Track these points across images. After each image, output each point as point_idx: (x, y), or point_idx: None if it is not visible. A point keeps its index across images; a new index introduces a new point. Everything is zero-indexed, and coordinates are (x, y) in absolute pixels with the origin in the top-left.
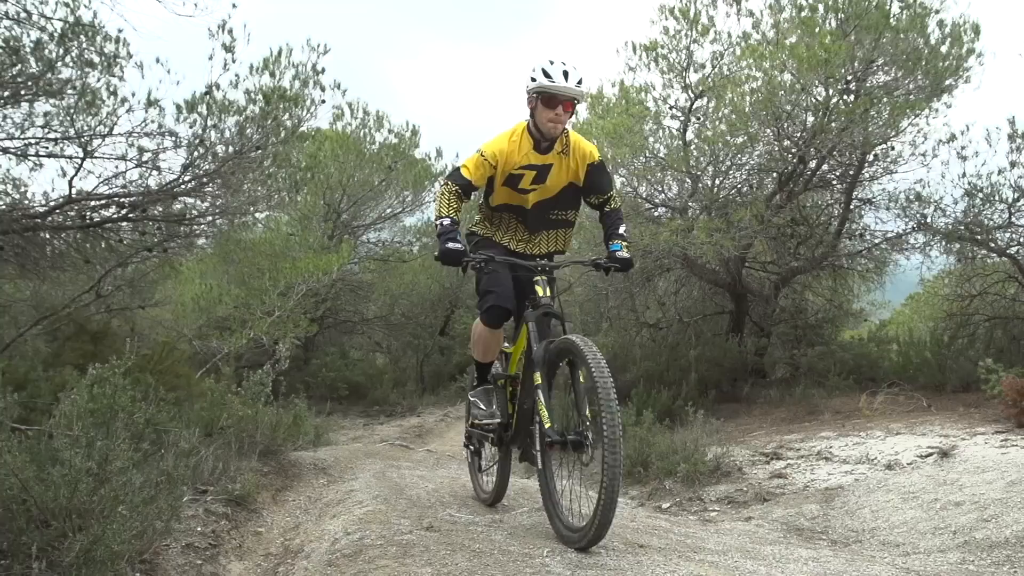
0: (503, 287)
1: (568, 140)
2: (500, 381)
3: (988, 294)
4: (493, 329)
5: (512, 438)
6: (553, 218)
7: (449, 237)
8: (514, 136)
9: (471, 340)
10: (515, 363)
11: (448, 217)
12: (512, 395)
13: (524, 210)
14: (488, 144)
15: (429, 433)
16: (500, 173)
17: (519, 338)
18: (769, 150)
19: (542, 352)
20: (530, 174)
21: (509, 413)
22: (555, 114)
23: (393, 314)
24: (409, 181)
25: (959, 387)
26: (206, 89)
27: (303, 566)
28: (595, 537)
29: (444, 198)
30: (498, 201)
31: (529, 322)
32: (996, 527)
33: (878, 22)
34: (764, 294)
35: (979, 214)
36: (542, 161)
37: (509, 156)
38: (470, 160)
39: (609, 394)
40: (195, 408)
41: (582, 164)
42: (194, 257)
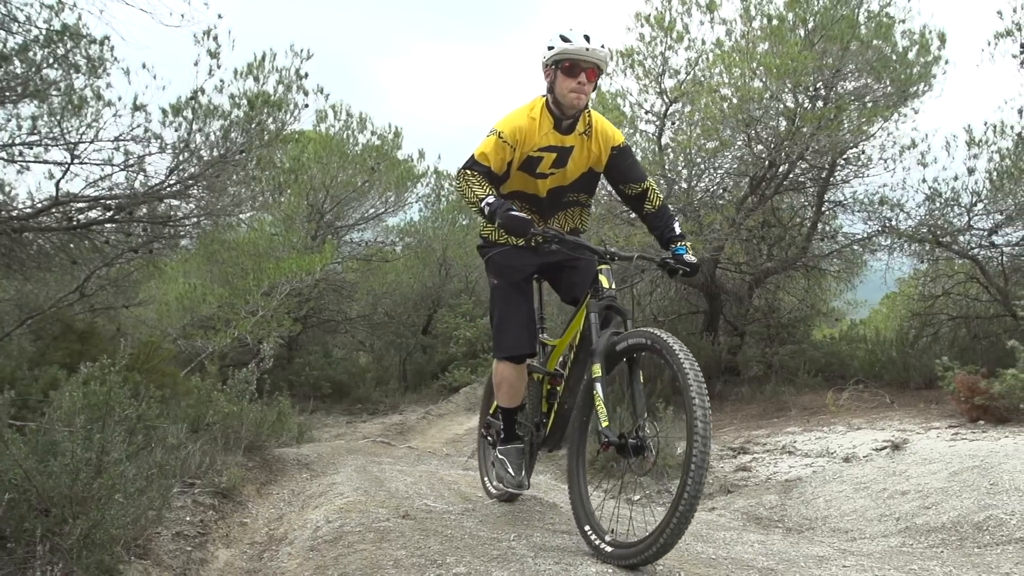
0: (520, 319)
1: (591, 120)
2: (537, 376)
3: (951, 294)
4: (518, 366)
5: (545, 440)
6: (567, 200)
7: (507, 207)
8: (533, 112)
9: (493, 383)
10: (555, 359)
11: (490, 195)
12: (549, 393)
13: (537, 199)
14: (504, 122)
15: (411, 430)
16: (518, 156)
17: (567, 331)
18: (741, 155)
19: (605, 344)
20: (550, 157)
21: (544, 412)
22: (577, 83)
23: (376, 313)
24: (392, 182)
25: (921, 384)
26: (191, 94)
27: (287, 551)
28: (655, 555)
29: (473, 182)
30: (511, 189)
31: (592, 312)
32: (935, 513)
33: (843, 33)
34: (738, 294)
35: (940, 218)
36: (563, 142)
37: (529, 135)
38: (486, 144)
39: (704, 402)
40: (182, 405)
41: (605, 148)
42: (178, 257)
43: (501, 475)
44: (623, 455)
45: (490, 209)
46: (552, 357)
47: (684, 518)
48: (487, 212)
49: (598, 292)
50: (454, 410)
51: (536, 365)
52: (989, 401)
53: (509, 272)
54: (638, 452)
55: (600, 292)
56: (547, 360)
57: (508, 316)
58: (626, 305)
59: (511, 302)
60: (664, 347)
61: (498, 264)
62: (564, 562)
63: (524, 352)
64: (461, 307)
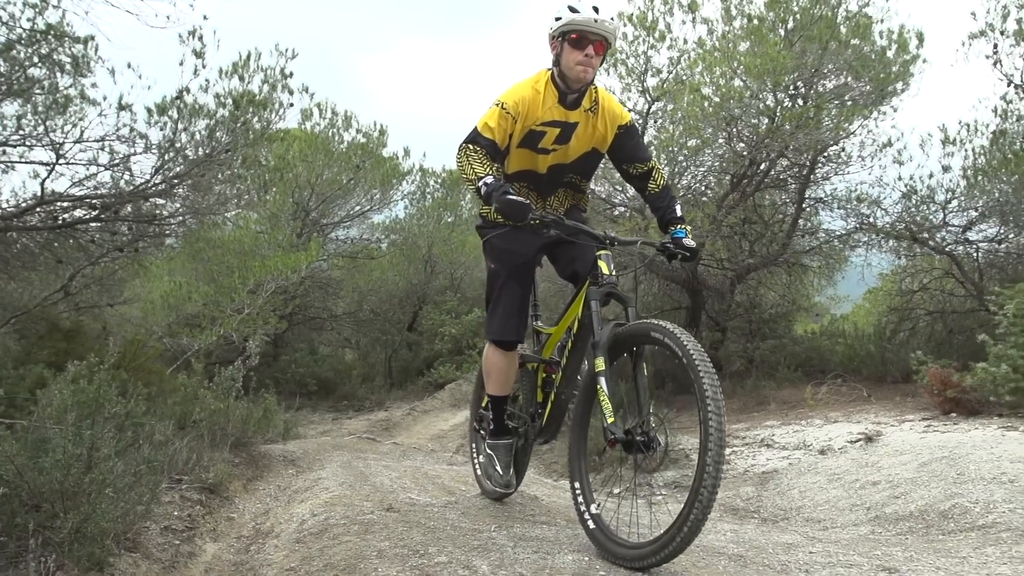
0: (512, 307)
1: (597, 96)
2: (531, 365)
3: (928, 289)
4: (509, 352)
5: (541, 431)
6: (565, 180)
7: (504, 190)
8: (537, 85)
9: (483, 371)
10: (551, 347)
11: (489, 175)
12: (545, 382)
13: (537, 176)
14: (507, 93)
15: (396, 426)
16: (520, 129)
17: (564, 318)
18: (723, 152)
19: (609, 335)
20: (553, 132)
21: (539, 402)
22: (584, 55)
23: (361, 310)
24: (377, 180)
25: (898, 378)
26: (177, 93)
27: (273, 544)
28: (672, 553)
29: (474, 159)
30: (513, 168)
31: (592, 300)
32: (904, 503)
33: (822, 32)
34: (720, 290)
35: (916, 215)
36: (566, 118)
37: (532, 108)
38: (489, 116)
39: (718, 397)
40: (168, 403)
41: (611, 127)
42: (163, 255)
43: (489, 473)
44: (630, 452)
45: (487, 190)
46: (548, 345)
47: (702, 514)
48: (483, 193)
49: (598, 279)
50: (439, 406)
51: (530, 354)
52: (961, 394)
53: (508, 257)
54: (646, 448)
55: (600, 278)
56: (542, 348)
57: (500, 301)
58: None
59: (506, 288)
60: (672, 339)
61: (497, 248)
62: (542, 551)
63: (509, 339)
64: (446, 304)
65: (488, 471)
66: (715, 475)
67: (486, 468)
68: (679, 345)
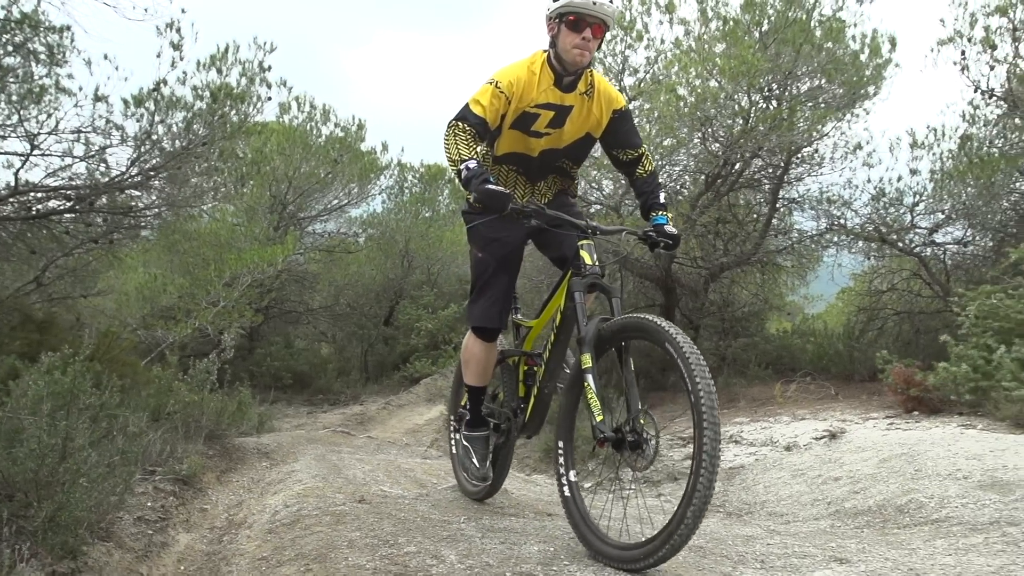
0: (496, 295)
1: (593, 80)
2: (512, 360)
3: (897, 290)
4: (488, 343)
5: (524, 427)
6: (558, 165)
7: (484, 178)
8: (533, 66)
9: (462, 360)
10: (532, 339)
11: (472, 159)
12: (527, 375)
13: (528, 159)
14: (502, 72)
15: (371, 421)
16: (512, 111)
17: (545, 310)
18: (698, 152)
19: (595, 330)
20: (547, 115)
21: (521, 397)
22: (582, 39)
23: (338, 304)
24: (355, 174)
25: (866, 377)
26: (154, 85)
27: (246, 534)
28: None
29: (460, 139)
30: (503, 150)
31: (577, 292)
32: (863, 498)
33: (795, 36)
34: (694, 288)
35: (885, 217)
36: (562, 101)
37: (526, 89)
38: (481, 93)
39: (711, 396)
40: (143, 395)
41: (606, 111)
42: (138, 247)
43: (466, 465)
44: (620, 451)
45: (467, 175)
46: (529, 338)
47: (698, 512)
48: (463, 178)
49: (580, 269)
50: (414, 401)
51: (510, 348)
52: (923, 393)
53: (494, 246)
54: (636, 446)
55: (583, 269)
56: (522, 341)
57: (484, 289)
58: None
59: (491, 276)
60: (660, 333)
61: (483, 235)
62: (509, 541)
63: (492, 326)
64: (423, 299)
65: (464, 463)
66: (709, 481)
67: (462, 460)
68: (670, 341)
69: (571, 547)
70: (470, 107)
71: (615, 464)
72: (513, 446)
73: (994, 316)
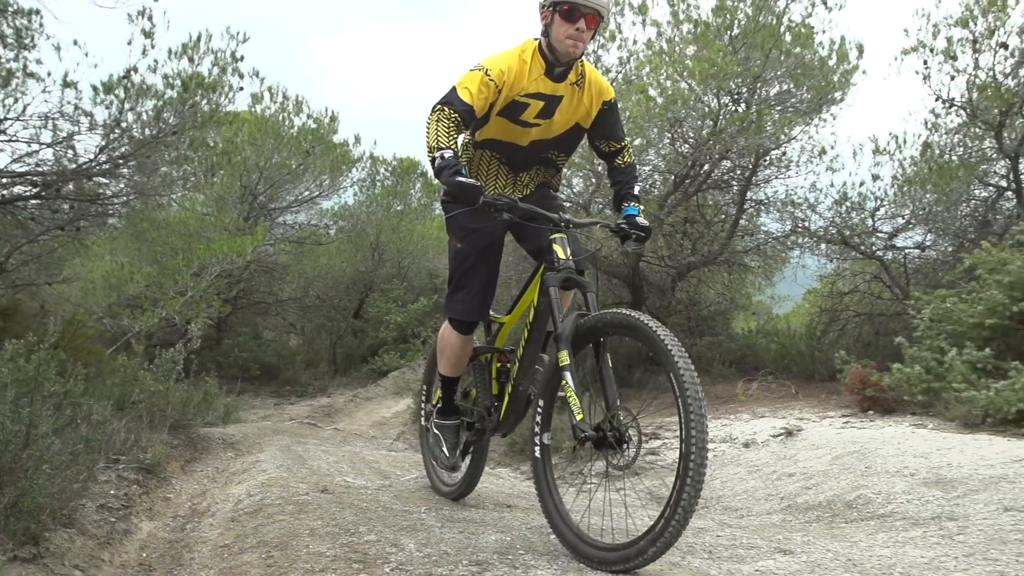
0: (477, 287)
1: (584, 70)
2: (485, 356)
3: (858, 292)
4: (465, 336)
5: (499, 425)
6: (545, 156)
7: (456, 169)
8: (524, 54)
9: (437, 347)
10: (505, 335)
11: (449, 148)
12: (499, 372)
13: (515, 148)
14: (493, 60)
15: (338, 413)
16: (502, 99)
17: (518, 306)
18: (667, 152)
19: (571, 327)
20: (536, 105)
21: (495, 395)
22: (576, 29)
23: (307, 296)
24: (327, 166)
25: (826, 376)
26: (124, 73)
27: (208, 523)
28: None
29: (442, 126)
30: (486, 135)
31: (551, 287)
32: (815, 493)
33: (765, 41)
34: (661, 287)
35: (848, 221)
36: (552, 91)
37: (517, 78)
38: (470, 79)
39: (694, 379)
40: (108, 384)
41: (596, 102)
42: (105, 235)
43: (436, 454)
44: (601, 449)
45: (441, 164)
46: (501, 334)
47: (688, 509)
48: (436, 166)
49: (554, 263)
50: (382, 393)
51: (482, 345)
52: (879, 393)
53: (474, 237)
54: (617, 444)
55: (556, 263)
56: (494, 337)
57: (465, 280)
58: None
59: (471, 268)
60: (644, 329)
61: (463, 226)
62: (468, 531)
63: (471, 319)
64: (393, 292)
65: (435, 452)
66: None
67: (433, 448)
68: (653, 336)
69: (527, 537)
70: (457, 93)
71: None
72: (487, 445)
73: (947, 320)
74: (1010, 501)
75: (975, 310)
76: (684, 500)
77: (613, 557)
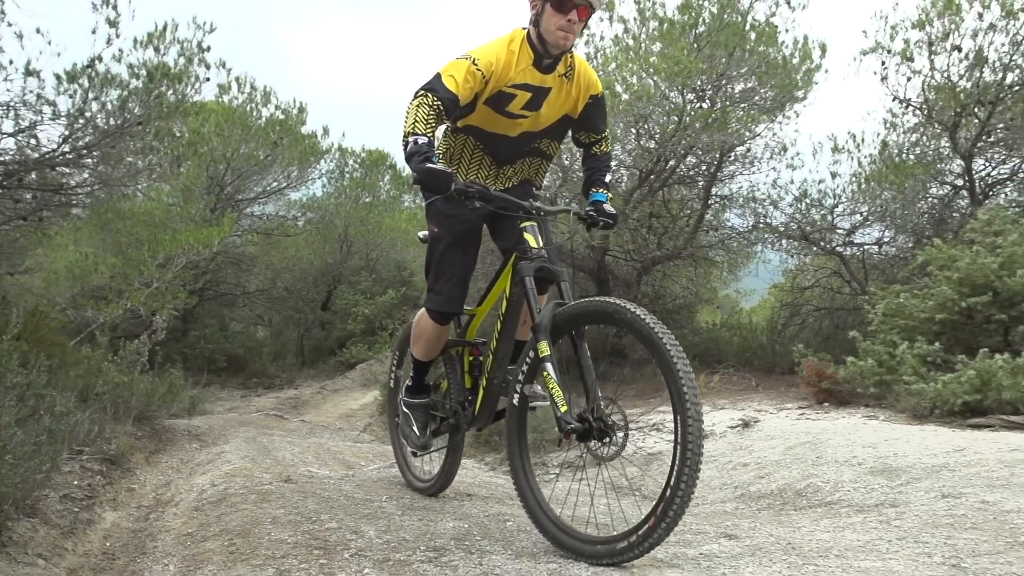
0: (458, 276)
1: (573, 62)
2: (456, 350)
3: (819, 287)
4: (442, 326)
5: (474, 420)
6: (532, 148)
7: (427, 156)
8: (512, 45)
9: (413, 332)
10: (475, 328)
11: (424, 135)
12: (472, 365)
13: (502, 139)
14: (481, 50)
15: (305, 405)
16: (488, 89)
17: (488, 297)
18: (632, 148)
19: (550, 317)
20: (524, 96)
21: (468, 389)
22: (567, 20)
23: (275, 288)
24: (295, 157)
25: (786, 369)
26: (88, 62)
27: (172, 512)
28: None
29: (421, 111)
30: (469, 122)
31: (526, 277)
32: (767, 482)
33: (729, 39)
34: (627, 280)
35: (807, 217)
36: (541, 82)
37: (505, 69)
38: (457, 67)
39: (693, 385)
40: (71, 375)
41: (584, 95)
42: (69, 225)
43: (406, 433)
44: (586, 440)
45: (411, 149)
46: (472, 326)
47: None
48: (407, 150)
49: (527, 253)
50: (350, 386)
51: (453, 338)
52: (834, 385)
53: (452, 223)
54: (603, 434)
55: (529, 252)
56: (464, 330)
57: (445, 271)
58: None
59: (451, 255)
60: (626, 315)
61: (442, 212)
62: (427, 519)
63: (452, 311)
64: (361, 284)
65: (405, 431)
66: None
67: (403, 428)
68: (642, 325)
69: (485, 524)
70: (443, 80)
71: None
72: (463, 441)
73: (900, 314)
74: (948, 488)
75: (926, 305)
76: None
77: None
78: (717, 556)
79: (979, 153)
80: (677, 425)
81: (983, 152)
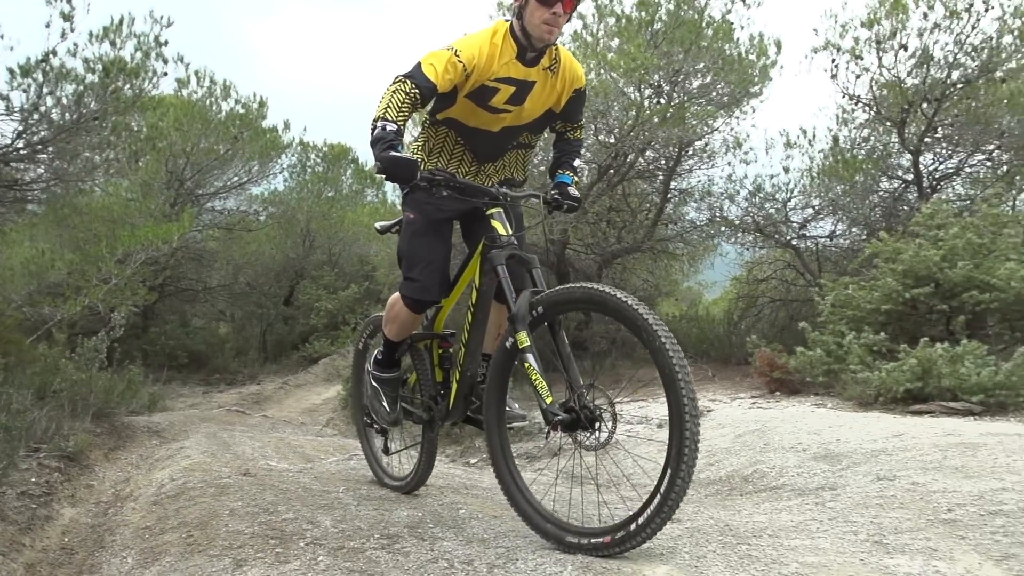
0: (435, 263)
1: (557, 55)
2: (424, 343)
3: (774, 279)
4: (417, 314)
5: (448, 414)
6: (515, 143)
7: (391, 144)
8: (495, 38)
9: (386, 313)
10: (443, 319)
11: (394, 122)
12: (442, 358)
13: (484, 135)
14: (464, 42)
15: (267, 400)
16: (470, 83)
17: (456, 286)
18: (591, 143)
19: (526, 306)
20: (507, 90)
21: (440, 382)
22: (552, 14)
23: (237, 283)
24: (256, 151)
25: (741, 360)
26: (42, 56)
27: (131, 507)
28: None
29: (396, 98)
30: (449, 115)
31: (499, 265)
32: (716, 469)
33: (685, 36)
34: (587, 273)
35: (761, 211)
36: (525, 76)
37: (488, 63)
38: (438, 57)
39: (684, 366)
40: (28, 373)
41: (568, 89)
42: (24, 221)
43: (376, 408)
44: (573, 431)
45: (377, 135)
46: (439, 318)
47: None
48: (373, 135)
49: (496, 240)
50: (312, 380)
51: (420, 331)
52: (785, 375)
53: (429, 208)
54: (591, 424)
55: (498, 240)
56: (432, 322)
57: (422, 257)
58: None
59: (428, 243)
60: (619, 304)
61: (419, 200)
62: (382, 508)
63: (430, 299)
64: (323, 279)
65: (374, 406)
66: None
67: (372, 403)
68: (629, 311)
69: (438, 512)
70: (423, 68)
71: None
72: (437, 436)
73: (848, 305)
74: (884, 472)
75: (872, 296)
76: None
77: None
78: (658, 537)
79: (927, 148)
80: (672, 406)
81: (931, 148)
